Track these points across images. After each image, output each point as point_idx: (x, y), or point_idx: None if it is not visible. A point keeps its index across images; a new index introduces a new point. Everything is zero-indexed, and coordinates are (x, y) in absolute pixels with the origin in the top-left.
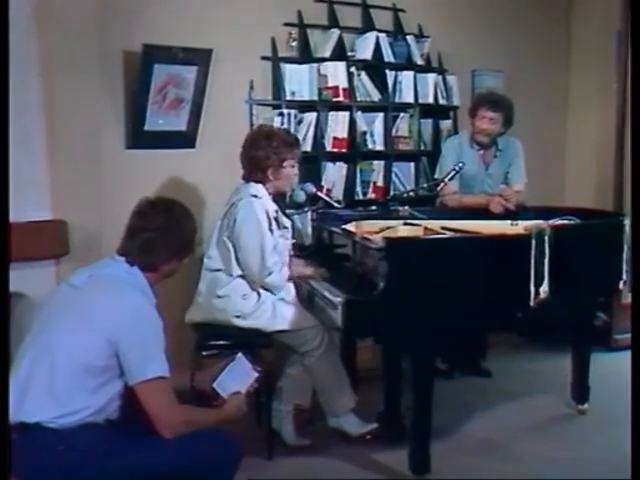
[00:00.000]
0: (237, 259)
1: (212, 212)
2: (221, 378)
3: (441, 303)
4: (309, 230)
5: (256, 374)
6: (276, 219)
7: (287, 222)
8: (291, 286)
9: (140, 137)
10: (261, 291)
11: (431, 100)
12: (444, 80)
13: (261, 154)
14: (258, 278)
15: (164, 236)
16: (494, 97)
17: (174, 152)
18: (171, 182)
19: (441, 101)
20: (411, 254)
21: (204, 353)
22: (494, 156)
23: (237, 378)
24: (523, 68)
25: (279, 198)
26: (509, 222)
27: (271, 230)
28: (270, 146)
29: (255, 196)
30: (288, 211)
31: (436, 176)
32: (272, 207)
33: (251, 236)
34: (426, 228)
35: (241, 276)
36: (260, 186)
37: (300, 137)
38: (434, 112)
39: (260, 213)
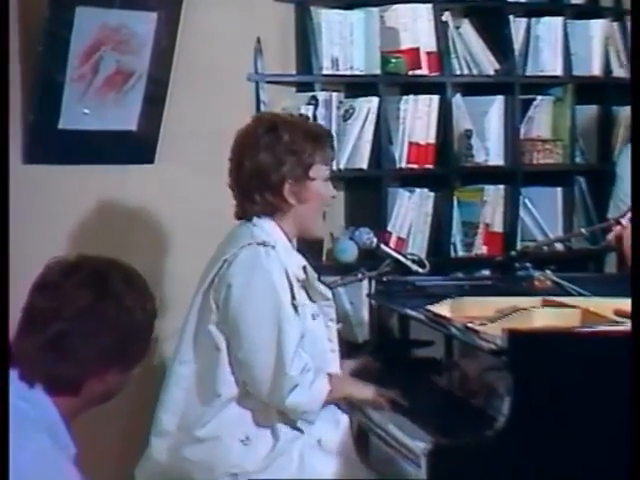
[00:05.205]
0: (232, 363)
1: (186, 280)
2: None
3: (618, 453)
4: (364, 314)
5: None
6: (304, 284)
7: (325, 289)
8: (339, 415)
9: (51, 143)
10: (280, 428)
11: (597, 71)
12: (623, 32)
13: (266, 159)
14: (272, 397)
15: (91, 327)
16: None
17: (115, 170)
18: (108, 226)
19: (617, 71)
20: (560, 361)
21: None
22: None
23: None
24: None
25: (308, 249)
26: None
27: (295, 307)
28: (280, 142)
29: (264, 244)
30: (325, 279)
31: (609, 215)
32: (295, 261)
33: (259, 317)
34: (587, 312)
35: (239, 398)
36: (271, 223)
37: (348, 144)
38: (603, 93)
39: (275, 273)
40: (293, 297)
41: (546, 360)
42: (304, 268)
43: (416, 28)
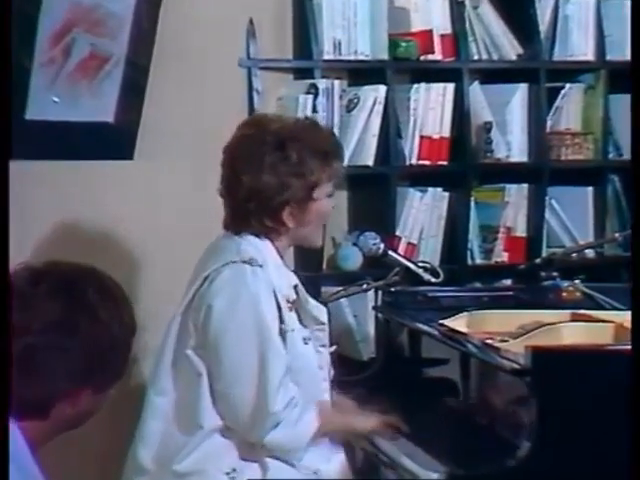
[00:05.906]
0: (213, 392)
1: (168, 291)
2: None
3: None
4: (370, 328)
5: None
6: (294, 306)
7: (320, 311)
8: (333, 452)
9: (16, 135)
10: (267, 460)
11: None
12: None
13: (269, 181)
14: (251, 434)
15: (61, 343)
16: None
17: (89, 167)
18: (81, 229)
19: None
20: (590, 383)
21: None
22: None
23: None
24: None
25: (306, 257)
26: None
27: (282, 332)
28: (288, 162)
29: (250, 262)
30: (326, 290)
31: None
32: (286, 280)
33: (241, 345)
34: (621, 327)
35: (223, 429)
36: (265, 242)
37: (352, 138)
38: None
39: (262, 296)
40: (281, 321)
41: (574, 381)
42: (295, 287)
43: (429, 8)
